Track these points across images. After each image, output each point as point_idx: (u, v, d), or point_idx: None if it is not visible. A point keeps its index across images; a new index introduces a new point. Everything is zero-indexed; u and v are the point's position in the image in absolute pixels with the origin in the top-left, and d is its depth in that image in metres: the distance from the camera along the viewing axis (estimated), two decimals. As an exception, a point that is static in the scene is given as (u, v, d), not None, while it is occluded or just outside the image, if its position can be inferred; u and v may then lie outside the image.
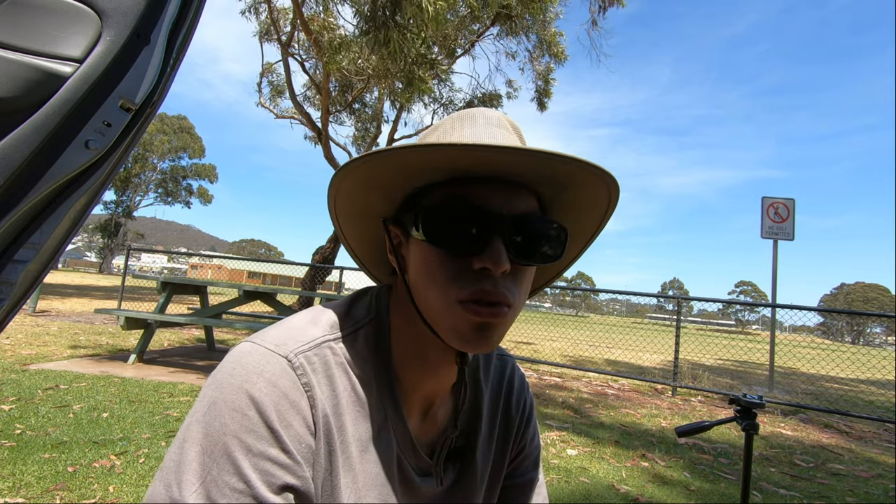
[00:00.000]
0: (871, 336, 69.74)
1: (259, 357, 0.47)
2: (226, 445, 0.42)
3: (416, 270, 0.51)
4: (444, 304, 0.48)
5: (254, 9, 11.74)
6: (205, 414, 0.44)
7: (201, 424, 0.43)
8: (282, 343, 0.49)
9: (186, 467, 0.41)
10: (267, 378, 0.45)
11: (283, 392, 0.45)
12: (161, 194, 49.22)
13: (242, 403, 0.43)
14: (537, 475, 0.71)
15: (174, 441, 0.44)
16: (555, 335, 10.88)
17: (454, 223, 0.47)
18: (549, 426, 3.80)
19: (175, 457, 0.42)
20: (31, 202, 0.37)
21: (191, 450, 0.42)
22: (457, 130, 0.55)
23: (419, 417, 0.59)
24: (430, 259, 0.49)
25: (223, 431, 0.42)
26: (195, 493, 0.40)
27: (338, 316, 0.55)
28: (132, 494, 2.04)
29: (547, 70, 11.94)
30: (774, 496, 2.74)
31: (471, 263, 0.48)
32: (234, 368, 0.46)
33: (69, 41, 0.38)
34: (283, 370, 0.46)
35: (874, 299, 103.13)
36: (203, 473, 0.41)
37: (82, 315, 8.17)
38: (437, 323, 0.50)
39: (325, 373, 0.49)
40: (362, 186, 0.53)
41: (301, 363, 0.48)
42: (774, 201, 7.38)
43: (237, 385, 0.44)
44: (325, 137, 10.85)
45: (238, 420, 0.43)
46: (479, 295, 0.47)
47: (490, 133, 0.54)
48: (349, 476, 0.49)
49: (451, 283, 0.48)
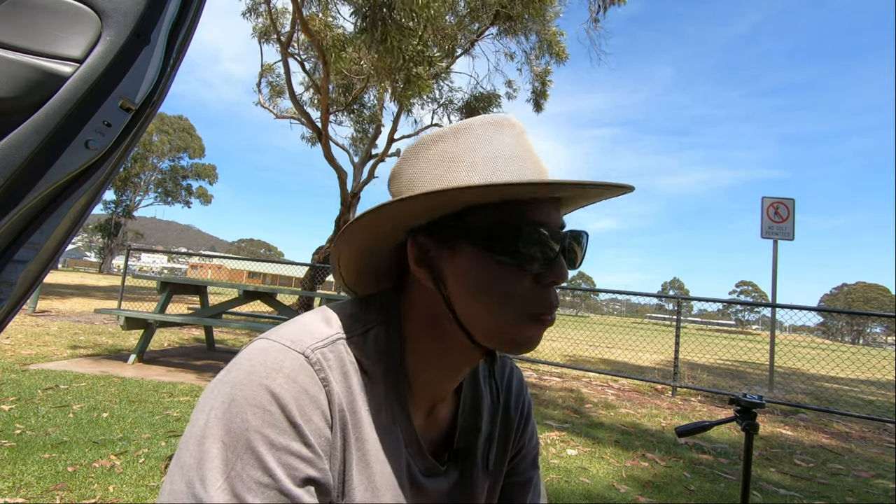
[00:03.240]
0: (872, 336, 69.75)
1: (277, 353, 0.47)
2: (249, 441, 0.42)
3: (468, 282, 0.51)
4: (514, 318, 0.50)
5: (253, 9, 11.75)
6: (225, 411, 0.44)
7: (221, 422, 0.43)
8: (298, 339, 0.49)
9: (209, 464, 0.41)
10: (286, 373, 0.46)
11: (302, 387, 0.46)
12: (161, 194, 49.19)
13: (263, 399, 0.44)
14: (536, 474, 0.72)
15: (189, 440, 0.44)
16: (555, 335, 10.87)
17: (526, 242, 0.49)
18: (549, 426, 3.80)
19: (195, 454, 0.42)
20: (31, 202, 0.37)
21: (212, 447, 0.42)
22: (494, 138, 0.54)
23: (423, 417, 0.60)
24: (493, 274, 0.50)
25: (245, 427, 0.43)
26: (220, 489, 0.40)
27: (348, 316, 0.55)
28: (132, 494, 2.04)
29: (544, 72, 11.98)
30: (774, 496, 2.74)
31: (537, 278, 0.51)
32: (252, 365, 0.46)
33: (69, 41, 0.38)
34: (302, 366, 0.47)
35: (874, 299, 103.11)
36: (227, 469, 0.41)
37: (82, 315, 8.17)
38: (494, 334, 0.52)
39: (340, 369, 0.50)
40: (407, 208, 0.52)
41: (318, 359, 0.48)
42: (774, 201, 7.38)
43: (257, 381, 0.45)
44: (325, 137, 10.85)
45: (260, 415, 0.43)
46: (550, 307, 0.51)
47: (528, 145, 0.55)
48: (364, 474, 0.50)
49: (523, 298, 0.50)
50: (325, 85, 9.96)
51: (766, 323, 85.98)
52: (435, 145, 0.54)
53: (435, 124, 13.61)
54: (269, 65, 13.52)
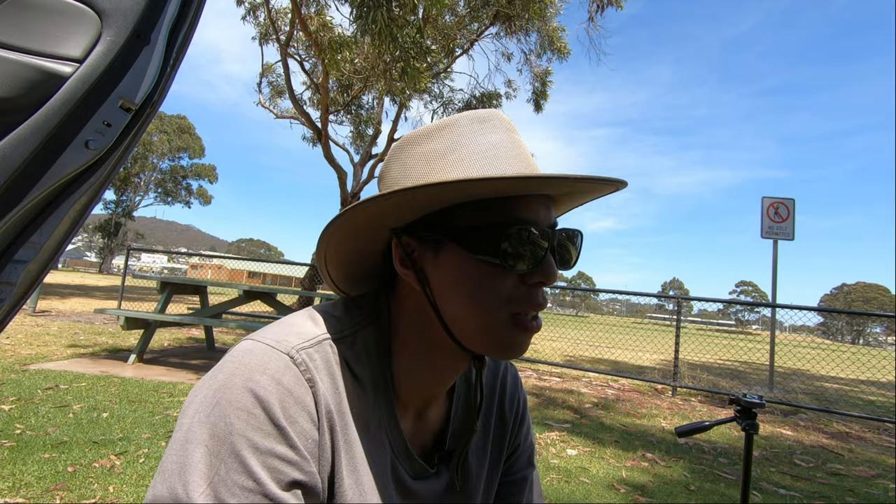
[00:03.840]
0: (872, 336, 69.64)
1: (261, 354, 0.46)
2: (233, 445, 0.41)
3: (453, 284, 0.50)
4: (494, 319, 0.49)
5: (252, 10, 11.74)
6: (208, 414, 0.43)
7: (205, 425, 0.42)
8: (283, 340, 0.48)
9: (192, 469, 0.41)
10: (271, 375, 0.45)
11: (287, 388, 0.45)
12: (161, 194, 49.18)
13: (247, 402, 0.43)
14: (532, 472, 0.72)
15: (172, 444, 0.43)
16: (555, 335, 10.87)
17: (512, 241, 0.47)
18: (548, 426, 3.80)
19: (178, 459, 0.42)
20: (31, 202, 0.37)
21: (195, 451, 0.41)
22: (479, 135, 0.52)
23: (412, 419, 0.59)
24: (479, 275, 0.49)
25: (229, 431, 0.42)
26: (203, 493, 0.40)
27: (336, 317, 0.55)
28: (132, 494, 2.04)
29: (545, 72, 11.99)
30: (774, 496, 2.74)
31: (523, 278, 0.49)
32: (236, 367, 0.45)
33: (69, 41, 0.38)
34: (287, 366, 0.46)
35: (874, 299, 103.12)
36: (210, 474, 0.41)
37: (82, 315, 8.17)
38: (477, 335, 0.51)
39: (327, 370, 0.49)
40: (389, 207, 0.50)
41: (304, 359, 0.47)
42: (774, 201, 7.38)
43: (241, 384, 0.44)
44: (325, 137, 10.85)
45: (244, 419, 0.42)
46: (535, 308, 0.50)
47: (514, 141, 0.54)
48: (352, 476, 0.49)
49: (506, 298, 0.49)
50: (325, 84, 9.96)
51: (766, 323, 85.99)
52: (420, 143, 0.53)
53: (435, 124, 13.61)
54: (269, 65, 13.53)
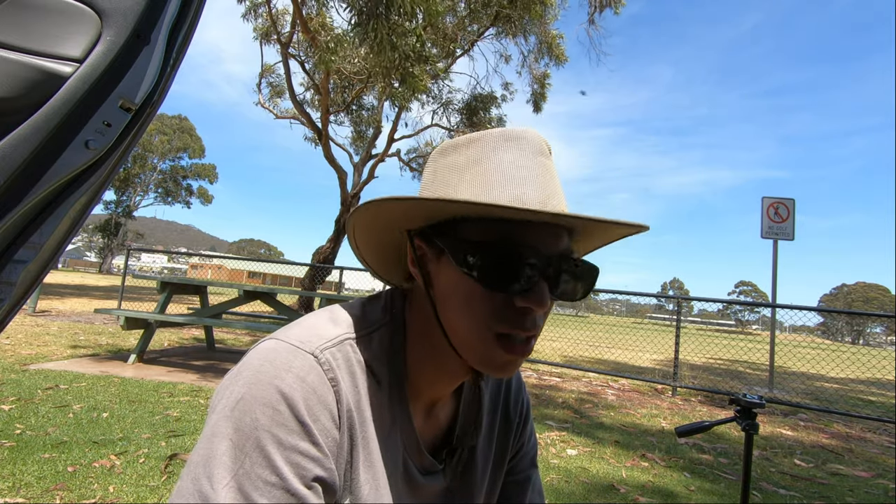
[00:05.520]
0: (872, 336, 69.63)
1: (286, 353, 0.48)
2: (258, 439, 0.42)
3: (448, 294, 0.52)
4: (478, 335, 0.50)
5: (252, 10, 11.73)
6: (233, 409, 0.44)
7: (230, 420, 0.44)
8: (306, 340, 0.50)
9: (216, 462, 0.42)
10: (296, 373, 0.46)
11: (311, 387, 0.46)
12: (161, 194, 49.16)
13: (273, 398, 0.44)
14: (534, 473, 0.74)
15: (201, 439, 0.45)
16: (555, 335, 10.87)
17: (503, 263, 0.47)
18: (549, 426, 3.80)
19: (203, 452, 0.43)
20: (31, 202, 0.37)
21: (220, 445, 0.42)
22: (502, 152, 0.52)
23: (423, 417, 0.60)
24: (467, 290, 0.49)
25: (254, 426, 0.43)
26: (227, 486, 0.41)
27: (354, 317, 0.56)
28: (132, 494, 2.04)
29: (543, 75, 12.01)
30: (774, 496, 2.74)
31: (512, 300, 0.49)
32: (261, 365, 0.47)
33: (69, 41, 0.38)
34: (311, 366, 0.47)
35: (874, 299, 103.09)
36: (235, 467, 0.41)
37: (82, 315, 8.17)
38: (465, 347, 0.52)
39: (347, 369, 0.51)
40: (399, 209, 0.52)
41: (327, 359, 0.49)
42: (774, 201, 7.38)
43: (266, 381, 0.45)
44: (326, 138, 10.85)
45: (269, 415, 0.43)
46: (518, 331, 0.49)
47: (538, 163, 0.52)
48: (369, 472, 0.51)
49: (490, 316, 0.49)
50: (325, 84, 9.96)
51: (766, 323, 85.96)
52: (450, 153, 0.55)
53: (435, 124, 13.65)
54: (269, 65, 13.52)
